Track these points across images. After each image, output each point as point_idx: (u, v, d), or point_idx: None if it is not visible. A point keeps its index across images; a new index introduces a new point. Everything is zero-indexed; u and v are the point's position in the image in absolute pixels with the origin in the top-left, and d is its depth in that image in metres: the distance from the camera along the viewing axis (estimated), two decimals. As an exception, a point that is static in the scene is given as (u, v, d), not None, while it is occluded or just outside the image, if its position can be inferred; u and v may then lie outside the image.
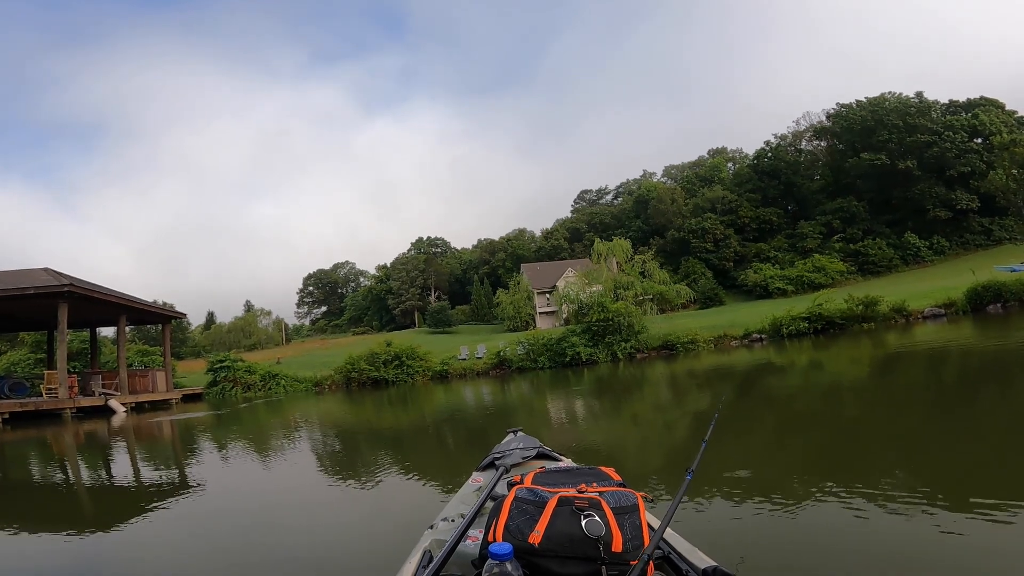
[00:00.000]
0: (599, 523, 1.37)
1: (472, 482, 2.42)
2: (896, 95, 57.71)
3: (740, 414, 8.50)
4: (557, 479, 1.65)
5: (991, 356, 11.44)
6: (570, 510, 1.41)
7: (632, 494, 1.52)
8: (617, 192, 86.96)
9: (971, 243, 51.68)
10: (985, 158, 48.97)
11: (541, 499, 1.45)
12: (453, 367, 25.01)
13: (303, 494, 5.93)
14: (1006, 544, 2.94)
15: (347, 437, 10.95)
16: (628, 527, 1.40)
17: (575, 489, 1.50)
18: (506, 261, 68.50)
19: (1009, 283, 22.06)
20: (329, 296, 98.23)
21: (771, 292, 48.17)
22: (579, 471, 1.79)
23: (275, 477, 7.18)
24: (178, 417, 16.74)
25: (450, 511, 2.07)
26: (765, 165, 63.02)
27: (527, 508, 1.44)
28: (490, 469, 2.49)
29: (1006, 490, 3.69)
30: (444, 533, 1.81)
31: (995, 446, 4.88)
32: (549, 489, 1.50)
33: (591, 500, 1.43)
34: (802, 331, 22.36)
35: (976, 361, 11.07)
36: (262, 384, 25.14)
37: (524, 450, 2.63)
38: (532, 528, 1.38)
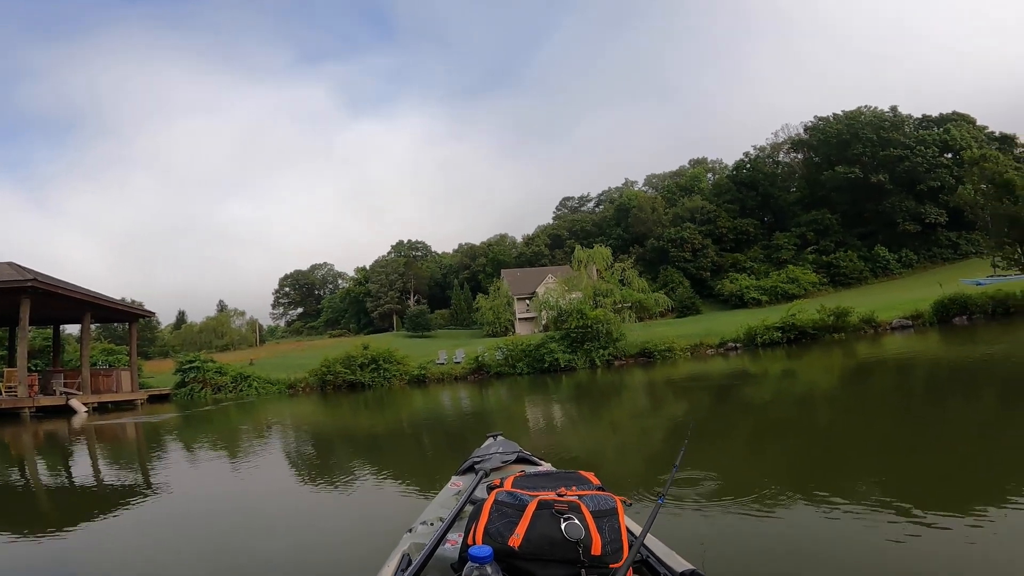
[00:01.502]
0: (579, 526, 1.37)
1: (451, 486, 2.40)
2: (872, 109, 59.49)
3: (717, 422, 8.58)
4: (537, 483, 1.64)
5: (956, 367, 11.80)
6: (550, 513, 1.40)
7: (611, 498, 1.52)
8: (599, 200, 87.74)
9: (938, 256, 53.46)
10: (955, 173, 49.85)
11: (521, 502, 1.45)
12: (431, 371, 24.81)
13: (277, 498, 5.78)
14: (971, 550, 3.00)
15: (322, 440, 10.74)
16: (607, 530, 1.40)
17: (555, 493, 1.50)
18: (487, 266, 68.43)
19: (975, 296, 22.85)
20: (306, 297, 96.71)
21: (746, 302, 49.05)
22: (559, 475, 1.79)
23: (247, 480, 6.98)
24: (143, 418, 16.22)
25: (429, 514, 2.05)
26: (744, 176, 64.31)
27: (507, 511, 1.43)
28: (469, 473, 2.48)
29: (973, 497, 3.78)
30: (423, 536, 1.79)
31: (961, 455, 5.00)
32: (529, 492, 1.50)
33: (571, 503, 1.43)
34: (776, 340, 22.79)
35: (943, 372, 11.39)
36: (233, 386, 24.59)
37: (504, 454, 2.62)
38: (512, 531, 1.38)
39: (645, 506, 4.11)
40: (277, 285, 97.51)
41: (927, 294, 25.76)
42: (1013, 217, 21.89)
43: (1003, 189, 22.35)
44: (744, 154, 68.77)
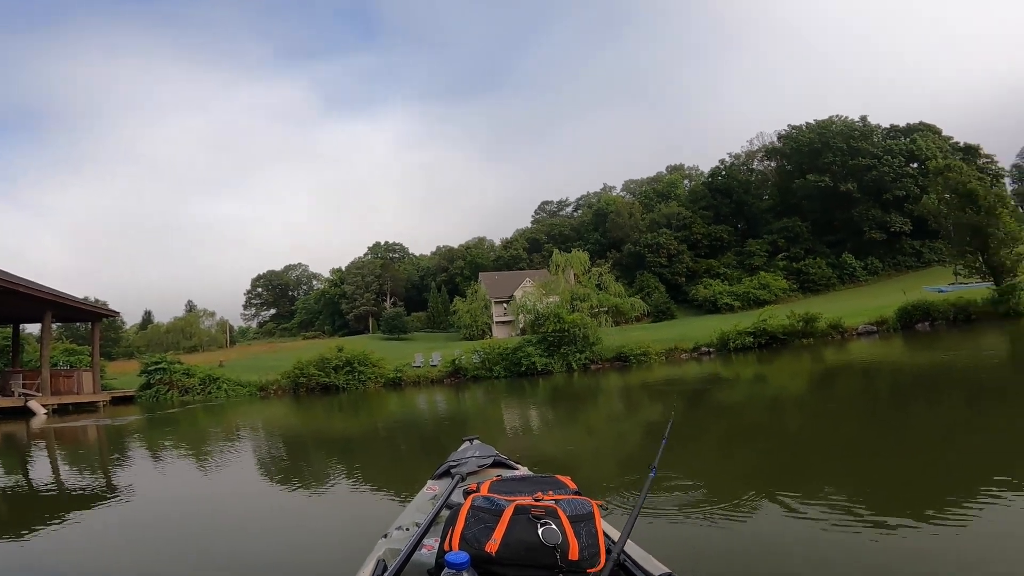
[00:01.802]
0: (556, 531, 1.37)
1: (427, 490, 2.38)
2: (843, 118, 61.21)
3: (690, 426, 8.69)
4: (513, 487, 1.65)
5: (918, 373, 12.21)
6: (527, 518, 1.40)
7: (588, 502, 1.52)
8: (577, 204, 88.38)
9: (903, 264, 55.31)
10: (919, 182, 51.36)
11: (498, 507, 1.44)
12: (407, 374, 24.59)
13: (247, 502, 5.64)
14: (935, 548, 3.09)
15: (294, 443, 10.53)
16: (584, 535, 1.41)
17: (531, 497, 1.50)
18: (464, 269, 68.22)
19: (937, 303, 23.71)
20: (279, 298, 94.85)
21: (719, 307, 49.93)
22: (535, 479, 1.79)
23: (213, 484, 6.80)
24: (105, 421, 15.68)
25: (405, 520, 2.03)
26: (719, 183, 65.52)
27: (484, 516, 1.43)
28: (445, 477, 2.45)
29: (936, 499, 3.90)
30: (398, 542, 1.77)
31: (923, 459, 5.16)
32: (505, 497, 1.50)
33: (547, 508, 1.43)
34: (748, 345, 23.25)
35: (905, 377, 11.77)
36: (201, 388, 23.96)
37: (480, 458, 2.61)
38: (489, 536, 1.37)
39: (620, 510, 4.13)
40: (249, 286, 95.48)
41: (891, 301, 26.62)
42: (975, 226, 22.71)
43: (966, 199, 23.17)
44: (720, 161, 70.22)
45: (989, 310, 21.95)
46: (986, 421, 6.54)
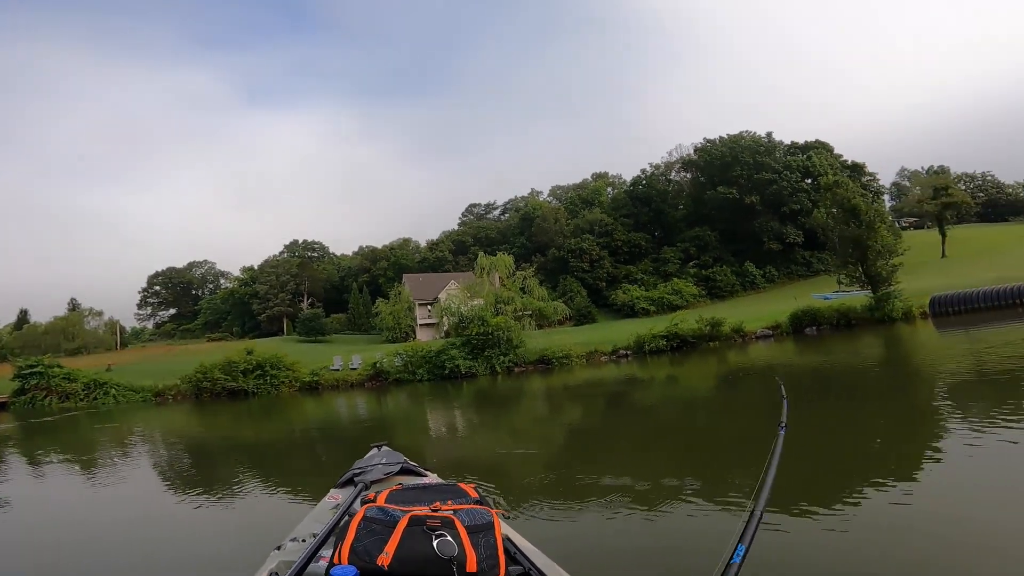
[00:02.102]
0: (451, 543, 1.33)
1: (329, 499, 2.26)
2: (751, 134, 66.16)
3: (608, 428, 9.00)
4: (412, 497, 1.60)
5: (805, 373, 13.43)
6: (421, 530, 1.36)
7: (487, 512, 1.50)
8: (505, 208, 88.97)
9: (795, 273, 60.73)
10: (812, 197, 55.86)
11: (392, 518, 1.39)
12: (324, 378, 23.57)
13: (131, 514, 5.18)
14: (831, 541, 3.39)
15: (189, 451, 9.74)
16: (482, 546, 1.38)
17: (428, 508, 1.47)
18: (388, 270, 66.51)
19: (823, 309, 26.27)
20: (180, 297, 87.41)
21: (636, 312, 52.25)
22: (435, 488, 1.75)
23: (95, 497, 6.18)
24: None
25: (302, 531, 1.92)
26: (639, 192, 68.60)
27: (376, 528, 1.37)
28: (349, 486, 2.35)
29: (826, 491, 4.29)
30: (292, 554, 1.67)
31: (816, 456, 5.66)
32: (401, 508, 1.45)
33: (444, 519, 1.40)
34: (661, 348, 24.48)
35: (793, 378, 12.91)
36: (85, 393, 21.67)
37: (387, 465, 2.51)
38: (381, 549, 1.32)
39: (528, 517, 4.17)
40: (145, 283, 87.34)
41: (785, 307, 29.12)
42: (856, 239, 25.35)
43: (850, 213, 25.80)
44: (641, 171, 73.53)
45: (867, 316, 24.61)
46: (859, 417, 7.30)
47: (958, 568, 2.95)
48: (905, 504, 3.86)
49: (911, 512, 3.75)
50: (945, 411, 7.02)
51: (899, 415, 7.29)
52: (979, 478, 4.27)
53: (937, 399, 7.90)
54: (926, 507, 3.81)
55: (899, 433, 6.16)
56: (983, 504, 3.76)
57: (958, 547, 3.16)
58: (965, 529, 3.39)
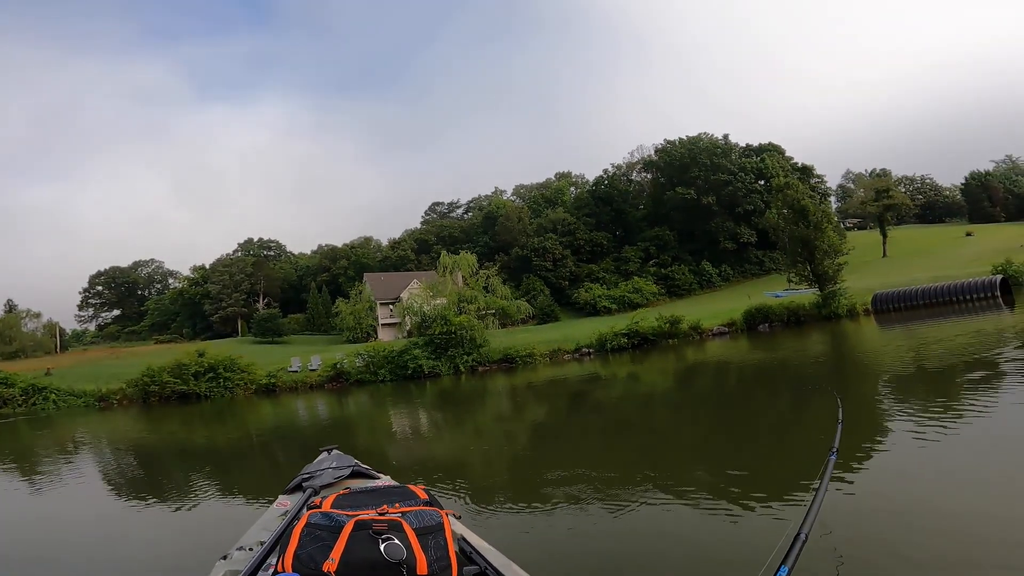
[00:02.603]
0: (399, 546, 1.32)
1: (277, 506, 2.20)
2: (709, 136, 68.00)
3: (569, 423, 9.09)
4: (359, 501, 1.57)
5: (757, 369, 13.95)
6: (368, 534, 1.34)
7: (437, 513, 1.49)
8: (468, 207, 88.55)
9: (748, 272, 62.95)
10: (764, 198, 57.88)
11: (337, 524, 1.36)
12: (282, 380, 22.89)
13: (65, 524, 4.90)
14: (784, 525, 3.52)
15: (134, 457, 9.29)
16: (432, 548, 1.37)
17: (375, 511, 1.44)
18: (348, 269, 65.13)
19: (775, 307, 27.35)
20: (125, 298, 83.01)
21: (599, 310, 53.03)
22: (384, 491, 1.73)
23: (26, 506, 5.82)
24: None
25: (248, 539, 1.88)
26: (601, 192, 69.60)
27: (320, 534, 1.34)
28: (298, 492, 2.28)
29: (780, 479, 4.46)
30: (239, 563, 1.63)
31: (767, 446, 5.88)
32: (347, 512, 1.42)
33: (391, 522, 1.38)
34: (623, 346, 24.94)
35: (750, 373, 13.39)
36: (24, 399, 20.42)
37: (337, 469, 2.44)
38: (327, 555, 1.29)
39: (483, 514, 4.17)
40: (87, 283, 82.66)
41: (739, 305, 30.16)
42: (805, 239, 26.47)
43: (799, 214, 26.92)
44: (603, 171, 74.62)
45: (815, 313, 25.76)
46: (806, 410, 7.63)
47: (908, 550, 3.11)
48: (850, 494, 4.05)
49: (858, 500, 3.93)
50: (889, 402, 7.42)
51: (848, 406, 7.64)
52: (924, 465, 4.53)
53: (881, 391, 8.33)
54: (873, 492, 4.01)
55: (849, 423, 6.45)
56: (930, 489, 3.98)
57: (911, 530, 3.33)
58: (914, 512, 3.58)
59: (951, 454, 4.68)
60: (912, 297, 25.25)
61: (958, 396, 6.75)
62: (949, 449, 4.80)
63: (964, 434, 5.12)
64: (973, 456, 4.48)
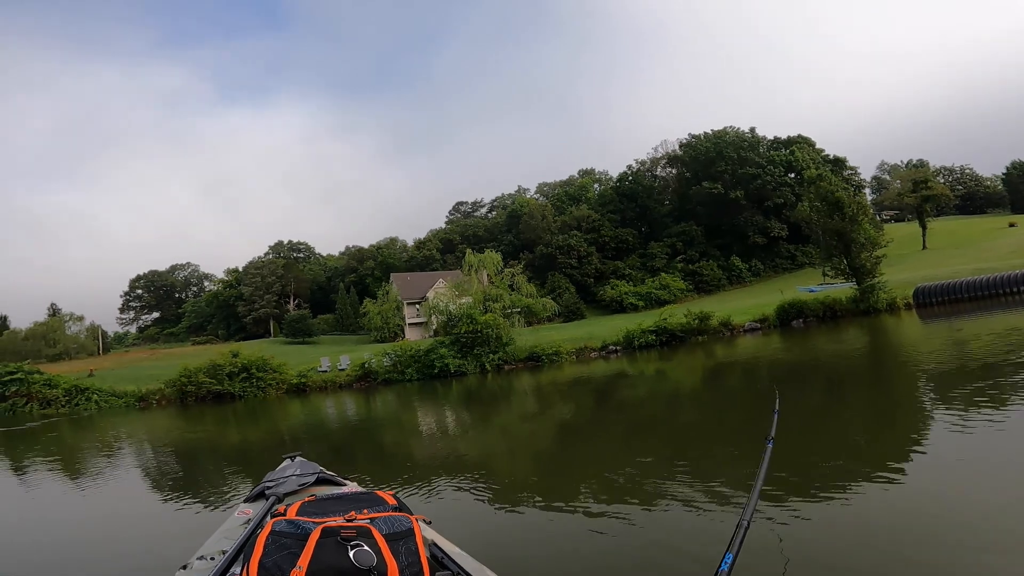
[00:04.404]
0: (369, 553, 1.28)
1: (239, 514, 2.16)
2: (735, 129, 66.66)
3: (593, 421, 8.96)
4: (326, 508, 1.54)
5: (793, 365, 13.53)
6: (336, 541, 1.30)
7: (406, 518, 1.46)
8: (492, 205, 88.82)
9: (780, 267, 61.36)
10: (795, 191, 56.79)
11: (303, 531, 1.33)
12: (312, 380, 23.31)
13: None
14: (828, 527, 3.37)
15: (167, 455, 9.55)
16: (403, 553, 1.34)
17: (343, 518, 1.41)
18: (375, 270, 66.04)
19: (809, 302, 26.54)
20: (163, 301, 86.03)
21: (625, 307, 52.46)
22: (351, 497, 1.70)
23: (62, 499, 6.01)
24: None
25: (209, 548, 1.84)
26: (625, 188, 68.87)
27: (286, 542, 1.31)
28: (260, 499, 2.25)
29: (823, 483, 4.28)
30: (201, 573, 1.61)
31: (808, 445, 5.66)
32: (313, 520, 1.39)
33: (360, 529, 1.34)
34: (651, 343, 24.58)
35: (783, 369, 13.00)
36: (67, 399, 21.30)
37: (301, 476, 2.40)
38: (293, 563, 1.25)
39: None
40: (127, 287, 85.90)
41: (771, 300, 29.39)
42: (840, 232, 25.62)
43: (833, 207, 26.04)
44: (627, 167, 73.84)
45: (852, 308, 24.90)
46: (844, 408, 7.35)
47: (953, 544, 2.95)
48: (899, 483, 3.86)
49: (904, 494, 3.75)
50: (936, 398, 7.09)
51: (890, 403, 7.34)
52: (968, 461, 4.29)
53: (929, 387, 7.97)
54: (920, 488, 3.81)
55: (891, 419, 6.19)
56: (975, 485, 3.77)
57: (952, 525, 3.16)
58: (956, 508, 3.40)
59: (996, 454, 4.42)
60: (955, 290, 24.23)
61: (1007, 394, 6.40)
62: (994, 449, 4.54)
63: (1014, 433, 4.84)
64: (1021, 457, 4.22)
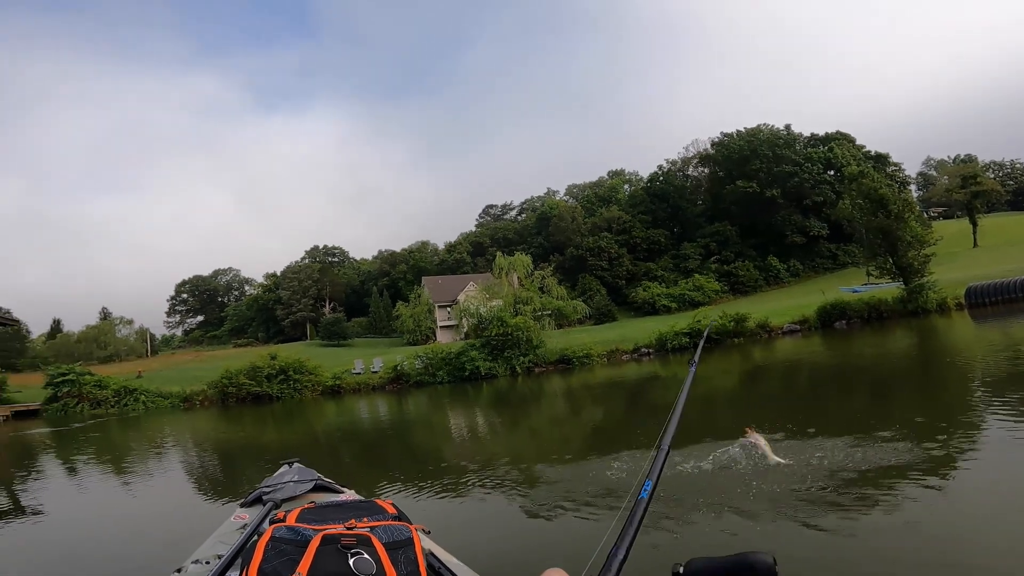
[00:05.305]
0: (369, 561, 1.27)
1: (234, 519, 2.16)
2: (769, 127, 64.94)
3: (625, 423, 8.80)
4: (325, 515, 1.54)
5: (836, 367, 13.01)
6: (336, 548, 1.29)
7: (406, 527, 1.45)
8: (521, 208, 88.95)
9: (820, 267, 59.32)
10: (836, 188, 54.94)
11: (303, 538, 1.32)
12: (346, 381, 23.76)
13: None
14: (872, 538, 3.20)
15: (210, 456, 9.86)
16: (403, 562, 1.32)
17: (343, 525, 1.40)
18: (407, 273, 67.00)
19: (852, 302, 25.54)
20: (207, 305, 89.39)
21: (657, 309, 51.68)
22: (351, 505, 1.69)
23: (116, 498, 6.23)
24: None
25: (205, 552, 1.84)
26: (656, 188, 67.90)
27: (286, 548, 1.30)
28: (257, 505, 2.25)
29: (865, 492, 4.07)
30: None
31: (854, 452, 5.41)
32: (313, 527, 1.38)
33: (360, 536, 1.33)
34: (684, 345, 24.08)
35: (825, 371, 12.52)
36: (116, 400, 22.26)
37: (299, 483, 2.40)
38: (292, 571, 1.24)
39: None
40: (173, 291, 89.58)
41: (811, 301, 28.41)
42: (885, 230, 24.53)
43: (877, 204, 24.97)
44: (658, 167, 72.81)
45: (899, 308, 23.83)
46: (891, 412, 6.99)
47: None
48: (946, 493, 3.64)
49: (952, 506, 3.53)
50: (990, 404, 6.69)
51: (940, 408, 6.96)
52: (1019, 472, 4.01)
53: (982, 392, 7.53)
54: (969, 500, 3.58)
55: (940, 426, 5.86)
56: None
57: (1000, 538, 2.95)
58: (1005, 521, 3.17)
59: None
60: (1009, 289, 22.93)
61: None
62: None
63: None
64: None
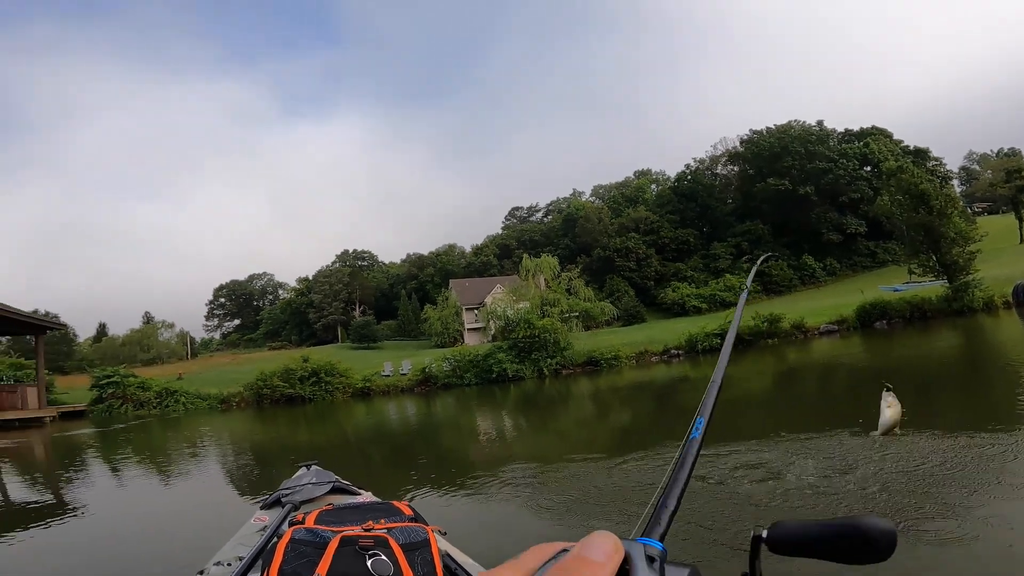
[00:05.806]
0: (386, 562, 1.29)
1: (254, 521, 2.19)
2: (801, 123, 63.14)
3: (652, 426, 8.66)
4: (343, 517, 1.56)
5: (876, 369, 12.52)
6: (354, 550, 1.31)
7: (423, 529, 1.46)
8: (547, 210, 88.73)
9: (859, 265, 57.30)
10: (873, 184, 52.90)
11: (322, 540, 1.35)
12: (376, 383, 24.09)
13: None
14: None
15: (246, 456, 10.12)
16: (419, 564, 1.34)
17: (360, 527, 1.42)
18: (435, 276, 67.57)
19: (893, 302, 24.59)
20: (243, 309, 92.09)
21: (687, 310, 50.78)
22: (368, 507, 1.71)
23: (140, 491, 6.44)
24: (43, 436, 14.86)
25: (226, 554, 1.87)
26: (684, 188, 66.79)
27: (305, 550, 1.33)
28: (277, 507, 2.28)
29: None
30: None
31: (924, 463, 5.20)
32: (332, 528, 1.41)
33: (377, 538, 1.35)
34: (715, 347, 23.58)
35: (864, 373, 12.06)
36: (158, 401, 23.09)
37: (317, 485, 2.43)
38: (312, 572, 1.27)
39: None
40: (211, 295, 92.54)
41: (850, 300, 27.48)
42: (927, 226, 23.52)
43: (918, 200, 23.97)
44: (685, 166, 71.63)
45: (943, 307, 22.83)
46: (937, 414, 6.69)
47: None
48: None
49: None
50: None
51: (988, 410, 6.63)
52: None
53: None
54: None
55: (988, 430, 5.58)
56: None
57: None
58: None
59: None
60: (1064, 287, 21.72)
61: None
62: None
63: None
64: None
